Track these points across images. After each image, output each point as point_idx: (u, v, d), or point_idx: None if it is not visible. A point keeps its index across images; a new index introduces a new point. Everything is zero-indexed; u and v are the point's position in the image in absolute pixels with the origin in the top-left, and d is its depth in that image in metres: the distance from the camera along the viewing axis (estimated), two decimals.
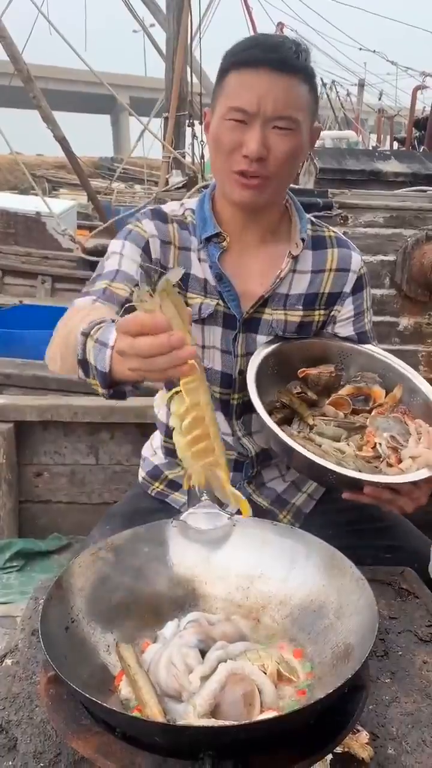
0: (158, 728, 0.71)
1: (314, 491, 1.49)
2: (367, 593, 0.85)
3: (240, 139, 1.15)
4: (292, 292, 1.33)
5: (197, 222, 1.31)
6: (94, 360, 0.98)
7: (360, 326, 1.39)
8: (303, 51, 1.16)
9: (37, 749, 0.87)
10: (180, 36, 6.09)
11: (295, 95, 1.15)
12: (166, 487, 1.48)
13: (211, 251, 1.29)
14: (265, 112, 1.13)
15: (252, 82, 1.13)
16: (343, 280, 1.36)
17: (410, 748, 0.88)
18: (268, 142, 1.15)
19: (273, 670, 0.82)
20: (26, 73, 5.58)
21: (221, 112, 1.17)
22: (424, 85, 8.42)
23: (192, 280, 1.31)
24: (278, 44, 1.14)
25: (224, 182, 1.23)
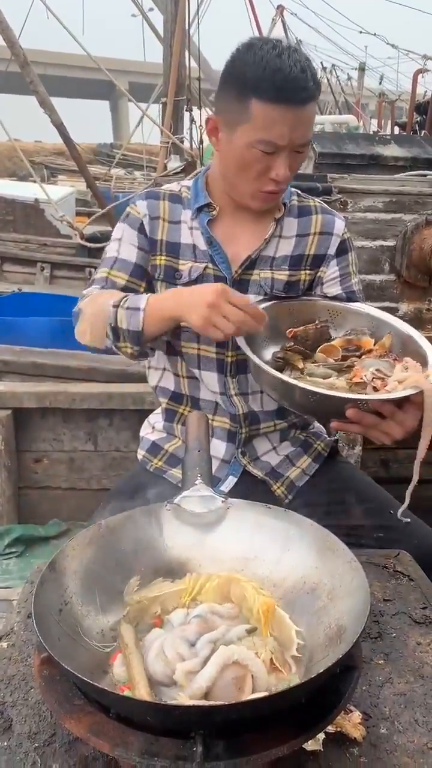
0: (150, 707, 0.71)
1: (308, 467, 1.52)
2: (360, 575, 0.85)
3: (268, 165, 1.27)
4: (278, 254, 1.43)
5: (191, 196, 1.42)
6: (126, 324, 1.26)
7: (347, 286, 1.47)
8: (313, 71, 1.25)
9: (31, 730, 0.88)
10: (178, 20, 6.03)
11: (312, 120, 1.28)
12: (165, 463, 1.51)
13: (202, 218, 1.40)
14: (292, 144, 1.25)
15: (283, 118, 1.22)
16: (327, 242, 1.45)
17: (402, 728, 0.89)
18: (290, 163, 1.28)
19: (266, 658, 0.82)
20: (23, 58, 5.53)
21: (249, 139, 1.24)
22: (425, 68, 8.33)
23: (183, 248, 1.41)
24: (303, 81, 1.21)
25: (247, 196, 1.33)
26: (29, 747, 0.85)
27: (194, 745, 0.67)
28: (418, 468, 1.19)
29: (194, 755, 0.66)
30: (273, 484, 1.48)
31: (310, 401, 1.16)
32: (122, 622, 0.88)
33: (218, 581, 0.93)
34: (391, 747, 0.86)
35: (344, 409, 1.12)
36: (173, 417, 1.51)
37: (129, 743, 0.70)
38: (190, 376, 1.45)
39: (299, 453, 1.52)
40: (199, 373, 1.43)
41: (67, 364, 3.03)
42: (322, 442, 1.56)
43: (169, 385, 1.49)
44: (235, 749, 0.69)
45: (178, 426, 1.51)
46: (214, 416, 1.45)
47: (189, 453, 1.05)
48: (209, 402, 1.45)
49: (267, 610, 0.87)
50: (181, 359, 1.44)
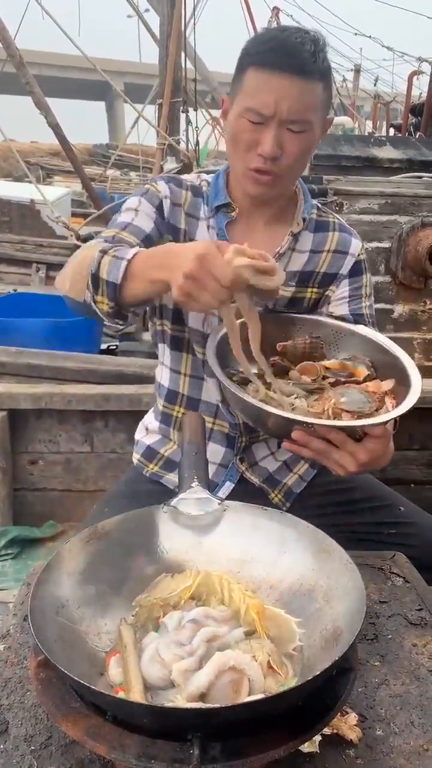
0: (146, 710, 0.71)
1: (305, 473, 1.51)
2: (356, 576, 0.85)
3: (256, 138, 1.21)
4: (288, 269, 1.37)
5: (211, 192, 1.37)
6: (107, 274, 1.10)
7: (356, 308, 1.40)
8: (320, 51, 1.19)
9: (28, 733, 0.88)
10: (174, 21, 6.03)
11: (309, 98, 1.19)
12: (161, 468, 1.49)
13: (220, 219, 1.35)
14: (280, 115, 1.18)
15: (269, 84, 1.17)
16: (341, 262, 1.40)
17: (398, 730, 0.89)
18: (282, 142, 1.20)
19: (263, 660, 0.82)
20: (19, 59, 5.52)
21: (238, 109, 1.21)
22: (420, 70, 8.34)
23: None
24: (297, 47, 1.16)
25: (239, 175, 1.28)
26: (26, 750, 0.85)
27: (191, 747, 0.67)
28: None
29: (191, 758, 0.67)
30: (270, 492, 1.47)
31: (257, 416, 1.12)
32: (123, 623, 0.88)
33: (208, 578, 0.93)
34: (387, 749, 0.86)
35: (292, 430, 1.08)
36: (168, 420, 1.49)
37: (126, 746, 0.70)
38: (195, 375, 1.41)
39: (297, 458, 1.50)
40: (205, 378, 1.40)
41: (63, 365, 3.02)
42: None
43: (166, 383, 1.46)
44: (231, 751, 0.69)
45: (173, 430, 1.49)
46: (214, 420, 1.43)
47: (185, 455, 1.05)
48: (211, 405, 1.42)
49: (258, 612, 0.86)
50: (187, 356, 1.41)
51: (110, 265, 1.10)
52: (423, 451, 2.63)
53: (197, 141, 6.81)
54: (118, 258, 1.10)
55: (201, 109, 7.84)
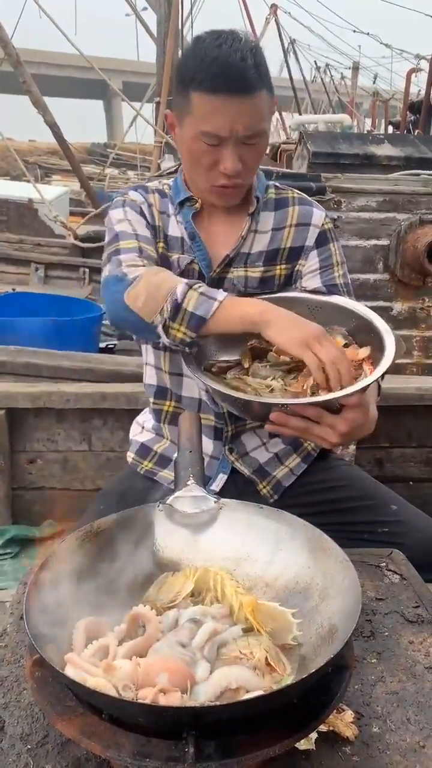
0: (141, 709, 0.71)
1: (296, 467, 1.51)
2: (352, 574, 0.85)
3: (216, 158, 1.24)
4: (252, 251, 1.40)
5: (173, 191, 1.42)
6: (194, 307, 1.16)
7: (329, 279, 1.40)
8: (260, 58, 1.20)
9: (24, 731, 0.88)
10: (171, 19, 6.02)
11: (259, 110, 1.21)
12: (155, 465, 1.50)
13: (185, 212, 1.39)
14: (236, 135, 1.20)
15: (220, 109, 1.18)
16: (304, 234, 1.41)
17: (394, 726, 0.89)
18: (242, 156, 1.24)
19: (261, 657, 0.82)
20: (16, 58, 5.52)
21: (192, 132, 1.23)
22: (419, 68, 8.34)
23: (171, 239, 1.40)
24: (239, 66, 1.16)
25: (203, 190, 1.33)
26: (22, 748, 0.85)
27: (186, 745, 0.67)
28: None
29: (186, 756, 0.67)
30: (259, 483, 1.47)
31: (235, 404, 1.17)
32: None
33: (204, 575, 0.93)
34: (383, 746, 0.86)
35: (269, 412, 1.10)
36: (159, 416, 1.51)
37: (121, 744, 0.70)
38: (174, 372, 1.44)
39: (289, 451, 1.50)
40: (185, 374, 1.42)
41: (61, 364, 3.02)
42: (312, 442, 1.55)
43: (153, 381, 1.49)
44: (226, 749, 0.69)
45: (165, 426, 1.50)
46: (199, 414, 1.44)
47: (181, 453, 1.05)
48: (193, 399, 1.44)
49: (252, 609, 0.86)
50: (164, 354, 1.43)
51: (198, 300, 1.16)
52: (421, 448, 2.63)
53: None
54: (208, 297, 1.16)
55: None
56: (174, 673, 0.76)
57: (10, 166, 13.97)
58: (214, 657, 0.81)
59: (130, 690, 0.74)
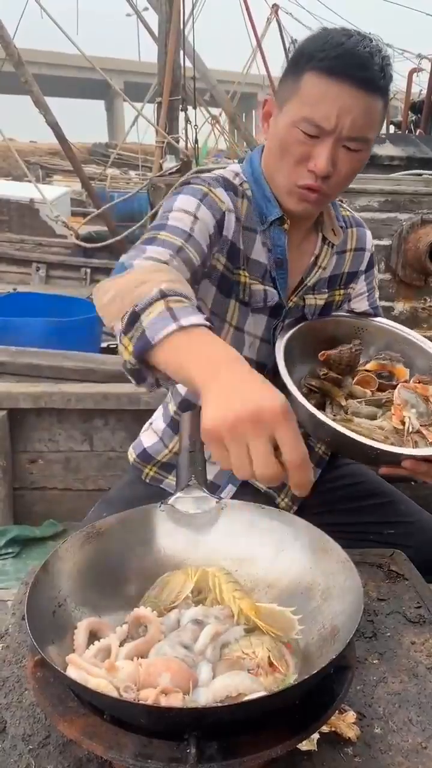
0: (143, 709, 0.71)
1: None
2: (354, 575, 0.85)
3: (309, 152, 1.11)
4: (321, 276, 1.34)
5: (258, 200, 1.23)
6: (148, 322, 0.83)
7: (373, 301, 1.43)
8: (387, 65, 1.11)
9: (26, 732, 0.88)
10: (172, 19, 6.01)
11: (372, 116, 1.11)
12: (159, 470, 1.46)
13: (277, 235, 1.22)
14: (340, 131, 1.09)
15: (333, 96, 1.07)
16: (360, 259, 1.39)
17: (396, 727, 0.89)
18: (336, 160, 1.12)
19: (264, 656, 0.82)
20: (17, 58, 5.52)
21: (293, 117, 1.10)
22: (420, 67, 8.32)
23: (253, 263, 1.24)
24: (366, 60, 1.07)
25: (282, 189, 1.19)
26: (23, 749, 0.85)
27: (188, 746, 0.67)
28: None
29: (188, 757, 0.66)
30: (277, 497, 1.44)
31: (367, 453, 1.13)
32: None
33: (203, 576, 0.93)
34: (385, 746, 0.86)
35: (400, 460, 1.12)
36: (177, 428, 1.41)
37: (122, 745, 0.70)
38: None
39: None
40: None
41: (63, 364, 3.03)
42: (322, 446, 1.51)
43: (182, 389, 1.40)
44: (228, 751, 0.69)
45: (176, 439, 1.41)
46: None
47: (183, 454, 1.04)
48: None
49: (254, 613, 0.86)
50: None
51: (158, 316, 0.83)
52: None
53: (196, 139, 6.79)
54: (172, 315, 0.82)
55: (200, 107, 7.83)
56: (176, 674, 0.76)
57: (11, 166, 13.97)
58: (217, 658, 0.81)
59: (132, 691, 0.74)
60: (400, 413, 1.19)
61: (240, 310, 1.26)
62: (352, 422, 1.20)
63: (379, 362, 1.33)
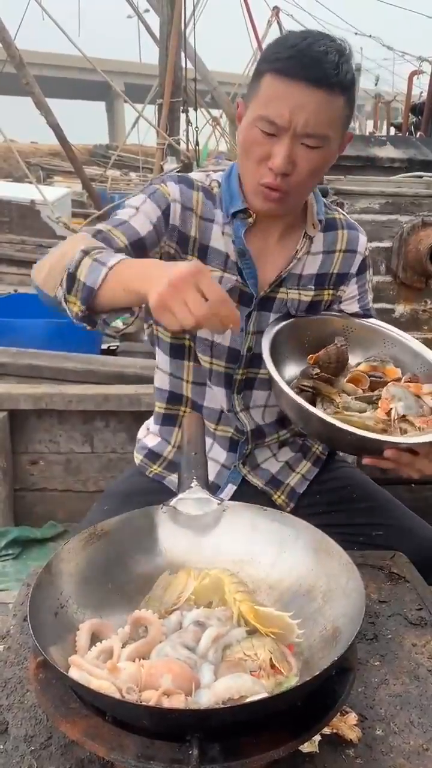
0: (145, 711, 0.71)
1: (307, 472, 1.50)
2: (356, 577, 0.85)
3: (268, 150, 1.15)
4: (305, 272, 1.36)
5: (224, 196, 1.29)
6: (85, 276, 1.04)
7: (364, 304, 1.44)
8: (345, 62, 1.12)
9: (28, 733, 0.88)
10: (174, 21, 6.03)
11: (328, 113, 1.12)
12: (164, 469, 1.48)
13: (237, 226, 1.28)
14: (295, 128, 1.11)
15: (285, 94, 1.10)
16: (351, 261, 1.40)
17: (398, 729, 0.89)
18: (295, 157, 1.14)
19: (265, 658, 0.82)
20: (19, 59, 5.53)
21: (251, 116, 1.15)
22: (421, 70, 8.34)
23: (212, 252, 1.29)
24: (319, 57, 1.09)
25: (249, 189, 1.23)
26: (25, 750, 0.85)
27: (190, 748, 0.67)
28: None
29: (190, 758, 0.67)
30: (273, 494, 1.46)
31: (349, 440, 1.14)
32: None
33: (209, 580, 0.93)
34: (386, 748, 0.86)
35: (383, 449, 1.12)
36: (173, 420, 1.46)
37: (124, 747, 0.70)
38: (198, 382, 1.40)
39: (299, 458, 1.50)
40: (209, 386, 1.39)
41: (63, 365, 3.03)
42: (320, 445, 1.54)
43: (165, 386, 1.44)
44: (230, 752, 0.69)
45: (178, 429, 1.45)
46: (217, 425, 1.41)
47: (185, 456, 1.05)
48: (214, 410, 1.40)
49: (254, 616, 0.86)
50: (189, 363, 1.38)
51: (90, 267, 1.03)
52: None
53: (197, 141, 6.81)
54: (100, 263, 1.03)
55: (201, 109, 7.84)
56: (177, 676, 0.76)
57: (12, 167, 14.00)
58: (218, 660, 0.81)
59: (134, 692, 0.74)
60: (386, 405, 1.21)
61: None
62: (342, 414, 1.22)
63: (370, 364, 1.36)
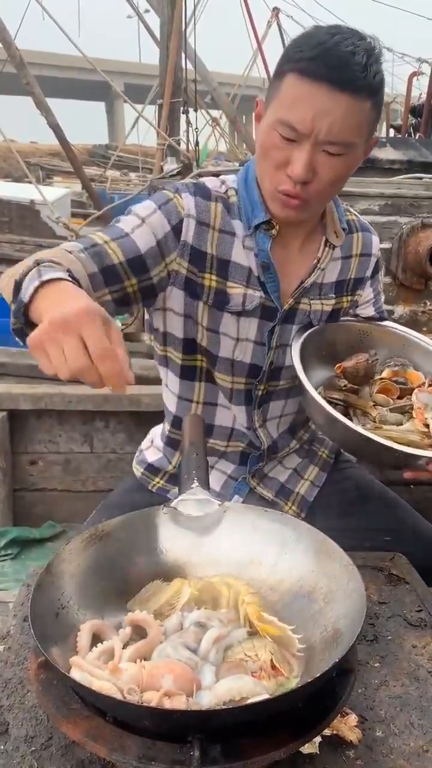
0: (146, 711, 0.71)
1: (316, 477, 1.48)
2: (356, 578, 0.85)
3: (287, 156, 1.08)
4: (326, 281, 1.31)
5: (243, 205, 1.22)
6: (23, 287, 0.93)
7: (378, 306, 1.41)
8: (374, 63, 1.04)
9: (28, 733, 0.88)
10: (174, 22, 6.02)
11: (354, 118, 1.05)
12: (167, 482, 1.45)
13: (261, 239, 1.21)
14: (317, 135, 1.05)
15: (308, 97, 1.03)
16: (366, 264, 1.36)
17: (398, 731, 0.89)
18: (316, 165, 1.08)
19: (266, 659, 0.83)
20: (19, 59, 5.52)
21: (271, 120, 1.08)
22: (420, 71, 8.34)
23: (233, 267, 1.22)
24: (347, 57, 1.01)
25: (268, 195, 1.17)
26: (26, 751, 0.85)
27: (191, 749, 0.67)
28: None
29: (191, 759, 0.67)
30: (284, 505, 1.43)
31: (397, 458, 1.13)
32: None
33: (201, 586, 0.93)
34: (386, 750, 0.86)
35: (427, 463, 1.12)
36: (174, 444, 1.42)
37: (126, 747, 0.70)
38: (208, 402, 1.35)
39: (305, 464, 1.47)
40: (230, 407, 1.34)
41: None
42: (326, 449, 1.51)
43: (172, 408, 1.39)
44: (232, 753, 0.69)
45: (178, 453, 1.41)
46: (228, 442, 1.38)
47: (186, 457, 1.05)
48: (225, 428, 1.37)
49: (258, 618, 0.86)
50: (200, 384, 1.33)
51: (29, 279, 0.93)
52: None
53: (197, 141, 6.80)
54: (39, 276, 0.91)
55: (201, 109, 7.84)
56: (179, 677, 0.76)
57: (12, 167, 13.97)
58: (219, 661, 0.81)
59: (135, 693, 0.75)
60: (421, 416, 1.19)
61: (210, 312, 1.23)
62: (382, 430, 1.19)
63: (391, 369, 1.33)
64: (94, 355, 0.81)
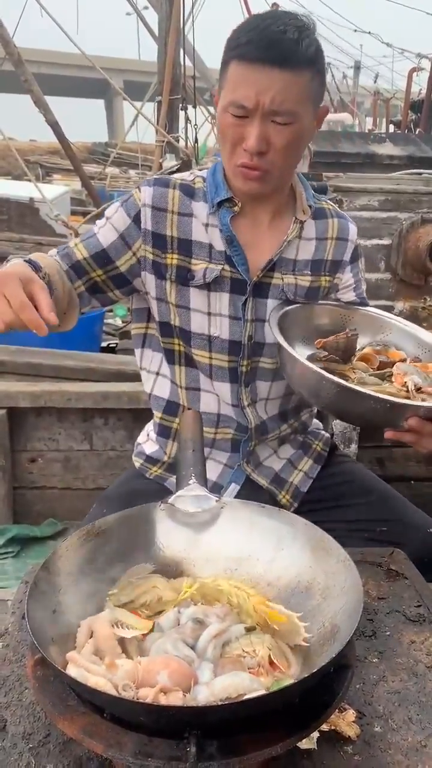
0: (143, 708, 0.71)
1: (309, 469, 1.50)
2: (354, 574, 0.85)
3: (241, 133, 1.18)
4: (299, 258, 1.37)
5: (208, 188, 1.33)
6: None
7: (360, 292, 1.46)
8: (306, 37, 1.13)
9: (26, 730, 0.88)
10: (172, 18, 6.01)
11: (294, 89, 1.14)
12: (165, 471, 1.48)
13: (223, 214, 1.30)
14: (263, 108, 1.14)
15: (250, 77, 1.13)
16: (343, 248, 1.42)
17: (396, 726, 0.89)
18: (268, 136, 1.17)
19: (264, 655, 0.82)
20: (17, 57, 5.51)
21: (223, 104, 1.19)
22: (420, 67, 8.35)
23: (195, 246, 1.32)
24: (277, 36, 1.12)
25: (230, 172, 1.27)
26: (24, 747, 0.85)
27: (188, 745, 0.67)
28: None
29: (188, 755, 0.66)
30: (278, 494, 1.46)
31: (375, 410, 1.12)
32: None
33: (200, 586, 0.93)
34: (384, 745, 0.86)
35: (404, 418, 1.11)
36: (167, 432, 1.45)
37: (122, 744, 0.70)
38: (191, 387, 1.40)
39: (300, 455, 1.51)
40: (212, 385, 1.38)
41: (63, 363, 3.03)
42: (320, 442, 1.55)
43: (163, 393, 1.43)
44: (228, 749, 0.69)
45: (172, 441, 1.45)
46: (216, 429, 1.41)
47: (183, 453, 1.05)
48: (211, 415, 1.40)
49: (264, 608, 0.86)
50: (179, 368, 1.39)
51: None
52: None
53: (196, 138, 6.80)
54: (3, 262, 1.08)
55: (200, 106, 7.83)
56: (174, 673, 0.76)
57: (11, 165, 13.95)
58: (217, 657, 0.81)
59: (131, 689, 0.74)
60: (401, 379, 1.22)
61: (176, 288, 1.32)
62: (368, 387, 1.21)
63: (373, 348, 1.37)
64: (14, 308, 0.96)
